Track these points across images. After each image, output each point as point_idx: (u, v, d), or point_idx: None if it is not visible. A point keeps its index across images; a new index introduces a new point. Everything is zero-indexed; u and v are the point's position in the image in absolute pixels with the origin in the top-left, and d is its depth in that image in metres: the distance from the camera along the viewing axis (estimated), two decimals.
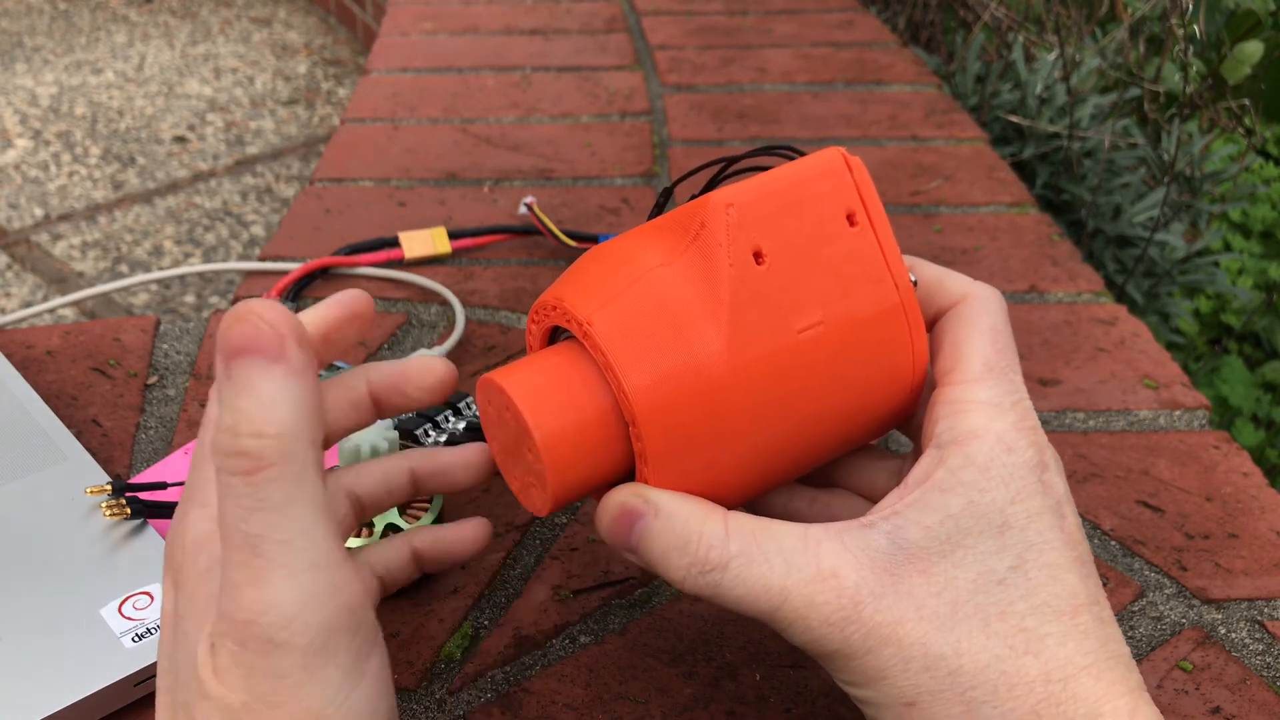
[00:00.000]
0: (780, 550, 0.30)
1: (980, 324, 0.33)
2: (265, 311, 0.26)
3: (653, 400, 0.30)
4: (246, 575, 0.26)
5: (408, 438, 0.47)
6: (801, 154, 0.35)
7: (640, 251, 0.32)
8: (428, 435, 0.47)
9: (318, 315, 0.32)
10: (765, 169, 0.34)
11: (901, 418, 0.35)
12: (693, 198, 0.33)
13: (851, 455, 0.37)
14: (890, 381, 0.33)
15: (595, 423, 0.31)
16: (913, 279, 0.34)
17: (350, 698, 0.27)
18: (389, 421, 0.45)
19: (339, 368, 0.51)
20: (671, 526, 0.31)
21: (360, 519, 0.36)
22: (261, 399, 0.26)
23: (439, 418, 0.48)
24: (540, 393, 0.31)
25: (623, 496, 0.31)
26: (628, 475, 0.32)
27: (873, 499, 0.36)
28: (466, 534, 0.38)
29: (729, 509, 0.31)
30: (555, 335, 0.34)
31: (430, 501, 0.44)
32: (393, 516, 0.43)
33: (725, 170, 0.37)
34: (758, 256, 0.31)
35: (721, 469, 0.31)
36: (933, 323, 0.35)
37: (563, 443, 0.30)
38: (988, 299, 0.34)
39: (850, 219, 0.33)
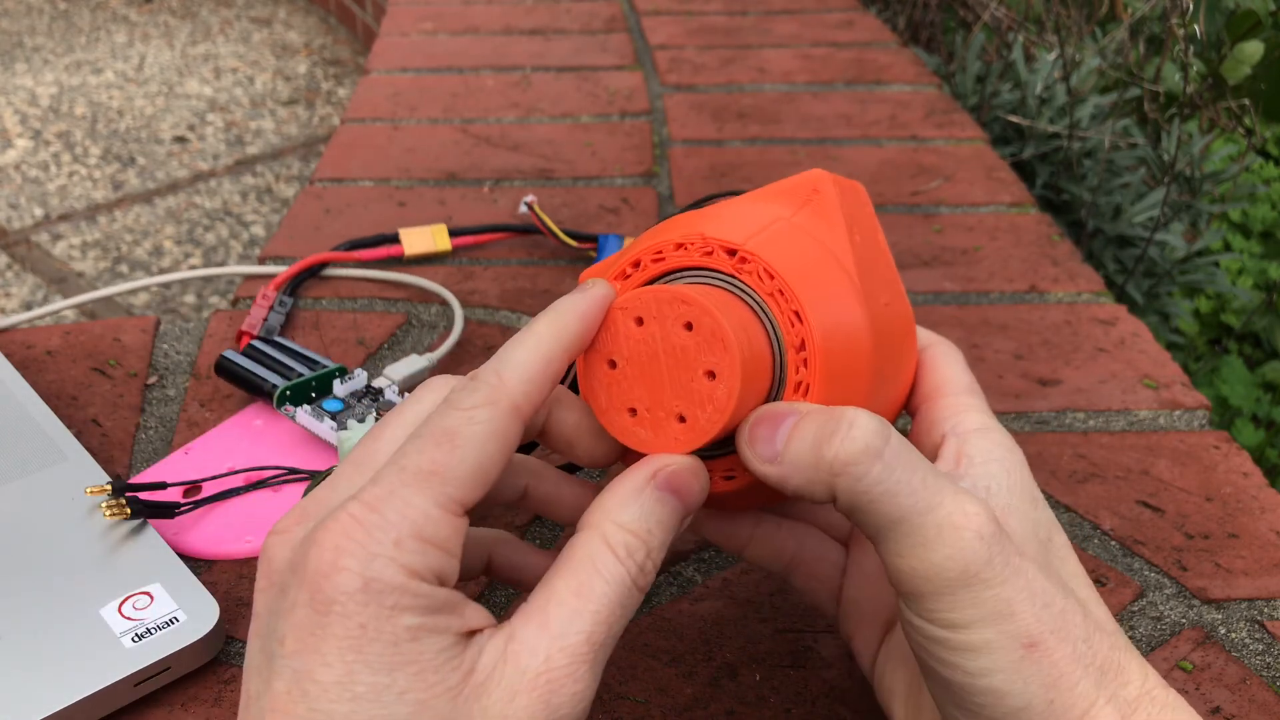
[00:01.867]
0: (926, 462, 0.29)
1: (953, 359, 0.36)
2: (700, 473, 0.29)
3: (826, 328, 0.30)
4: None
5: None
6: None
7: (755, 207, 0.33)
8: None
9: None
10: None
11: (894, 422, 0.37)
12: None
13: None
14: (909, 380, 0.36)
15: (763, 351, 0.30)
16: None
17: None
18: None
19: (350, 374, 0.51)
20: (828, 412, 0.29)
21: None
22: (666, 530, 0.28)
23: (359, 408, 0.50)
24: (734, 320, 0.28)
25: (771, 406, 0.30)
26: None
27: (829, 531, 0.37)
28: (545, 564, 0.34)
29: None
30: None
31: None
32: None
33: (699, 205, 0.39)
34: (852, 230, 0.33)
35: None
36: None
37: (746, 347, 0.28)
38: (953, 346, 0.37)
39: (878, 232, 0.36)
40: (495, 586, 0.43)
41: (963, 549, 0.28)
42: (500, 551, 0.34)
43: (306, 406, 0.49)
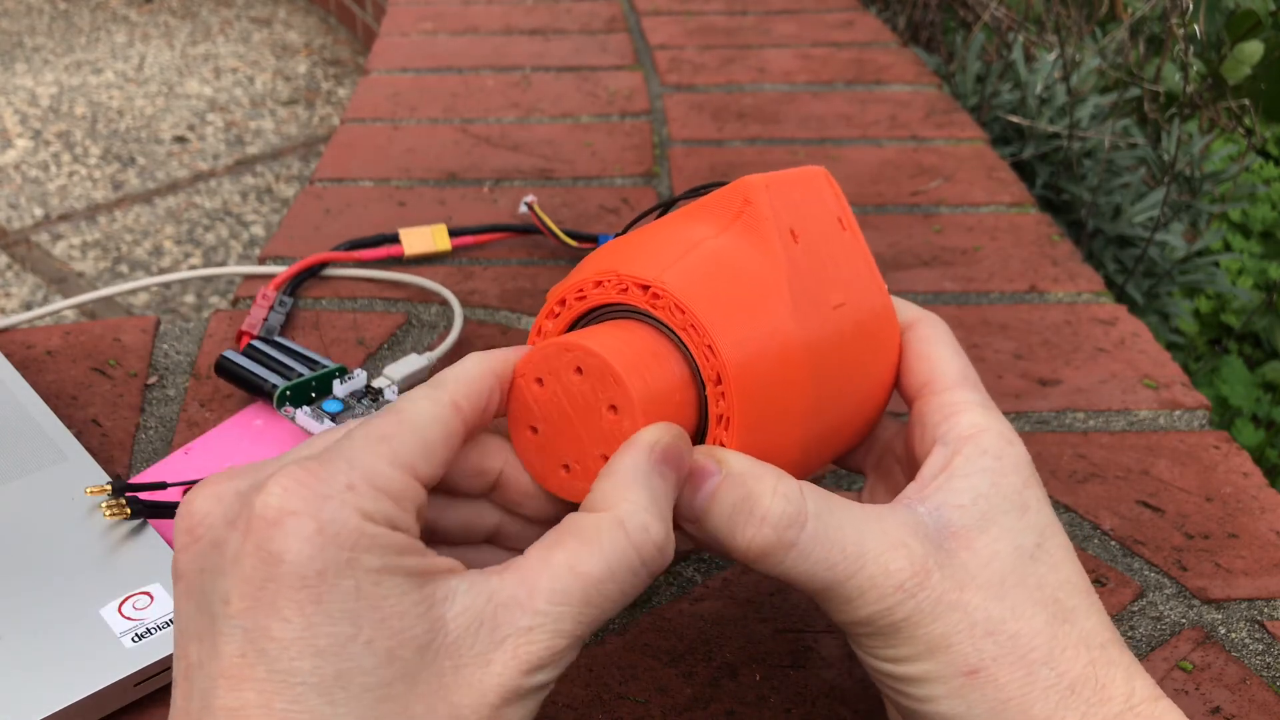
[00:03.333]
0: (851, 518, 0.30)
1: (943, 341, 0.35)
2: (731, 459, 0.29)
3: (741, 358, 0.30)
4: None
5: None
6: None
7: (681, 228, 0.32)
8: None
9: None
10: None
11: (879, 418, 0.36)
12: (621, 232, 0.33)
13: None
14: (887, 373, 0.35)
15: (677, 386, 0.30)
16: None
17: None
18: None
19: (349, 374, 0.51)
20: (745, 484, 0.29)
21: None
22: (666, 512, 0.28)
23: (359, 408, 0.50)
24: (628, 353, 0.29)
25: (696, 462, 0.30)
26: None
27: None
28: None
29: None
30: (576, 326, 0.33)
31: None
32: None
33: (661, 208, 0.39)
34: (793, 234, 0.32)
35: (785, 441, 0.32)
36: None
37: (654, 405, 0.29)
38: (939, 323, 0.36)
39: (841, 223, 0.35)
40: None
41: (887, 603, 0.29)
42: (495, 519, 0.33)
43: (306, 408, 0.49)
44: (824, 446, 0.34)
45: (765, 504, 0.29)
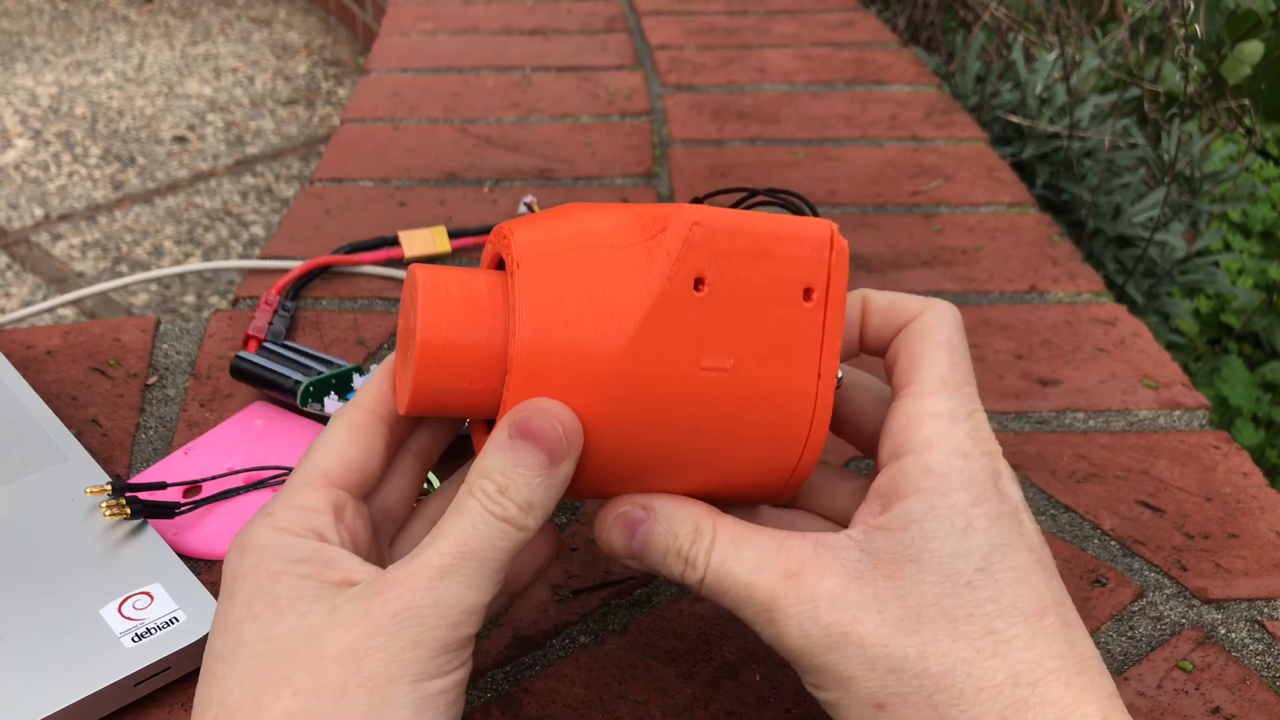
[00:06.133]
0: (756, 551, 0.31)
1: (937, 337, 0.33)
2: (565, 418, 0.30)
3: (533, 360, 0.30)
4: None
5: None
6: (809, 206, 0.36)
7: (599, 223, 0.32)
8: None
9: None
10: (782, 207, 0.35)
11: (768, 499, 0.35)
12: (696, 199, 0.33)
13: (813, 476, 0.37)
14: (769, 459, 0.33)
15: (480, 351, 0.31)
16: (839, 377, 0.34)
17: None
18: None
19: (366, 371, 0.51)
20: (670, 528, 0.32)
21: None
22: (535, 486, 0.30)
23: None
24: (446, 298, 0.31)
25: (622, 507, 0.33)
26: (488, 418, 0.33)
27: (833, 518, 0.37)
28: (539, 547, 0.36)
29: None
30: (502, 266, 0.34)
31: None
32: None
33: (744, 201, 0.38)
34: (699, 283, 0.31)
35: (588, 455, 0.32)
36: (891, 339, 0.35)
37: (440, 351, 0.31)
38: (943, 313, 0.34)
39: (807, 293, 0.32)
40: None
41: (790, 637, 0.31)
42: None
43: (333, 394, 0.50)
44: (626, 480, 0.33)
45: (685, 545, 0.32)
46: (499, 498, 0.30)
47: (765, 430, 0.32)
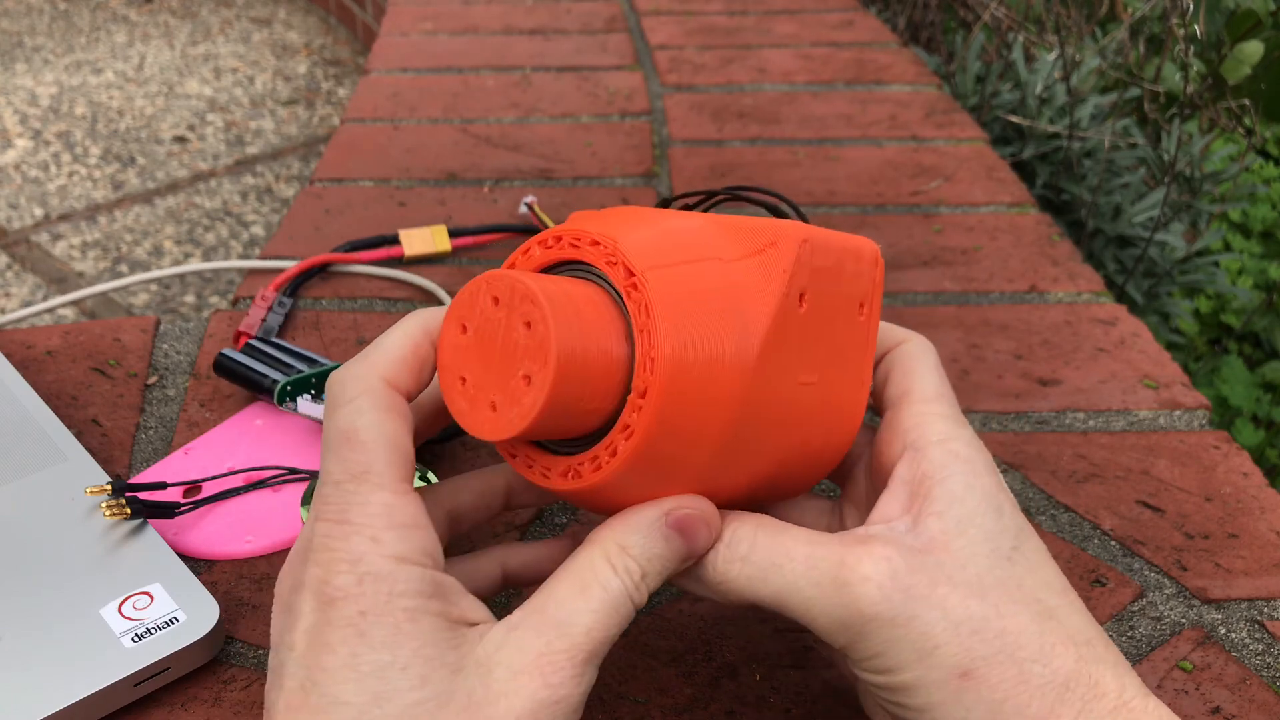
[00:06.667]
0: (806, 533, 0.31)
1: (926, 361, 0.36)
2: (715, 523, 0.31)
3: (674, 379, 0.29)
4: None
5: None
6: (787, 201, 0.37)
7: (703, 234, 0.31)
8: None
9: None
10: (771, 206, 0.35)
11: (782, 500, 0.36)
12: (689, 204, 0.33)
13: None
14: (816, 466, 0.35)
15: (603, 367, 0.29)
16: None
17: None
18: None
19: (323, 365, 0.51)
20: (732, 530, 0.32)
21: (455, 533, 0.36)
22: (664, 577, 0.31)
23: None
24: (573, 308, 0.28)
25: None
26: (589, 433, 0.30)
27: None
28: (557, 555, 0.36)
29: None
30: (552, 271, 0.32)
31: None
32: None
33: (703, 204, 0.38)
34: (801, 298, 0.31)
35: (682, 473, 0.30)
36: (877, 362, 0.37)
37: (572, 368, 0.28)
38: (926, 343, 0.37)
39: (860, 307, 0.34)
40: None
41: (866, 603, 0.29)
42: (510, 562, 0.36)
43: (307, 395, 0.49)
44: (732, 492, 0.32)
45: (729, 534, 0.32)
46: (640, 584, 0.30)
47: (825, 439, 0.34)
